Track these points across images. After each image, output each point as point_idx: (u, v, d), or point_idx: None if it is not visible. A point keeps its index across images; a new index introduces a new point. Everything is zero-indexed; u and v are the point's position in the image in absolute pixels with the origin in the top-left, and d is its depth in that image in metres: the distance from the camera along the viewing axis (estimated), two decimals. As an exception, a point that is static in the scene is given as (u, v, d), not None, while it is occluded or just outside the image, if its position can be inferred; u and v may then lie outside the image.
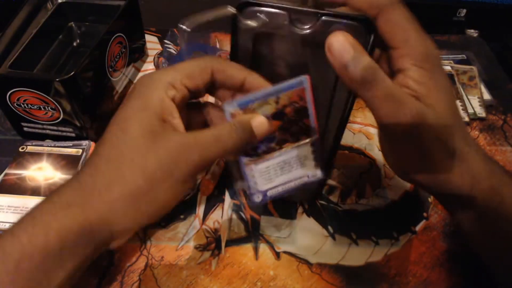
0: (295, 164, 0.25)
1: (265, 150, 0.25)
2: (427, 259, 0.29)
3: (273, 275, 0.28)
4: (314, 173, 0.26)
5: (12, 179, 0.32)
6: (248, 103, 0.24)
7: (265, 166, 0.25)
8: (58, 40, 0.40)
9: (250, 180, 0.25)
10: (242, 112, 0.23)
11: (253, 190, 0.25)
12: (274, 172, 0.25)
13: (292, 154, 0.25)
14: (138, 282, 0.28)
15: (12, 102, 0.33)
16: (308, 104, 0.24)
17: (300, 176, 0.26)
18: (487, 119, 0.39)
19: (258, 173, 0.25)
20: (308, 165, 0.26)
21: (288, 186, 0.26)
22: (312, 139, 0.25)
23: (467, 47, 0.47)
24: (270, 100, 0.24)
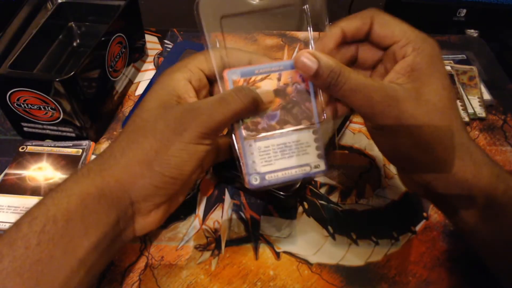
0: (297, 149, 0.25)
1: (265, 128, 0.24)
2: (427, 259, 0.29)
3: (273, 275, 0.28)
4: (317, 164, 0.25)
5: (12, 179, 0.32)
6: (250, 74, 0.24)
7: (265, 145, 0.24)
8: (58, 40, 0.40)
9: (249, 158, 0.24)
10: (243, 80, 0.24)
11: (251, 170, 0.24)
12: (274, 154, 0.24)
13: (293, 138, 0.25)
14: (138, 282, 0.28)
15: (12, 102, 0.33)
16: (310, 87, 0.25)
17: (302, 164, 0.25)
18: (487, 119, 0.39)
19: (257, 151, 0.24)
20: (311, 154, 0.25)
21: (288, 173, 0.24)
22: (314, 126, 0.25)
23: (467, 47, 0.47)
24: (272, 75, 0.24)
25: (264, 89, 0.24)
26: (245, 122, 0.24)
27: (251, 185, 0.24)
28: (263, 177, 0.24)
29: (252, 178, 0.24)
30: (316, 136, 0.25)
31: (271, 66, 0.24)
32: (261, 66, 0.24)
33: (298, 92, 0.25)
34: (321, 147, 0.25)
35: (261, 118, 0.24)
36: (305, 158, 0.25)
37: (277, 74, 0.24)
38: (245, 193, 0.33)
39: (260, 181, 0.24)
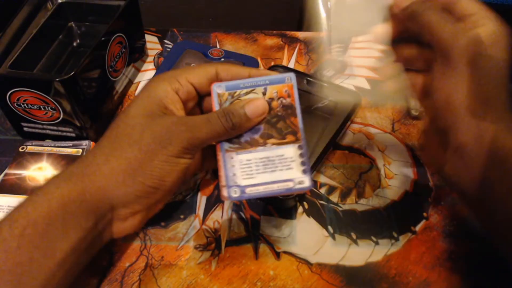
0: (280, 164, 0.24)
1: (248, 141, 0.24)
2: (427, 259, 0.29)
3: (273, 275, 0.28)
4: (301, 180, 0.24)
5: (12, 179, 0.32)
6: (235, 88, 0.24)
7: (247, 158, 0.24)
8: (58, 40, 0.40)
9: (229, 170, 0.24)
10: (228, 94, 0.24)
11: (231, 183, 0.24)
12: (256, 167, 0.24)
13: (277, 152, 0.24)
14: (138, 282, 0.28)
15: (12, 102, 0.33)
16: (295, 101, 0.25)
17: (285, 179, 0.24)
18: (487, 119, 0.39)
19: (238, 163, 0.24)
20: (295, 169, 0.24)
21: (270, 188, 0.24)
22: (299, 141, 0.24)
23: (467, 47, 0.47)
24: (258, 89, 0.24)
25: (258, 102, 0.24)
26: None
27: (230, 198, 0.24)
28: (243, 190, 0.24)
29: (231, 191, 0.24)
30: (301, 152, 0.24)
31: (256, 80, 0.24)
32: (247, 81, 0.24)
33: (284, 107, 0.25)
34: (306, 163, 0.24)
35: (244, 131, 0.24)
36: (289, 173, 0.24)
37: (263, 88, 0.24)
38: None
39: (240, 194, 0.24)
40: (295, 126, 0.25)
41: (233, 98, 0.24)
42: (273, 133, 0.24)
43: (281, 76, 0.25)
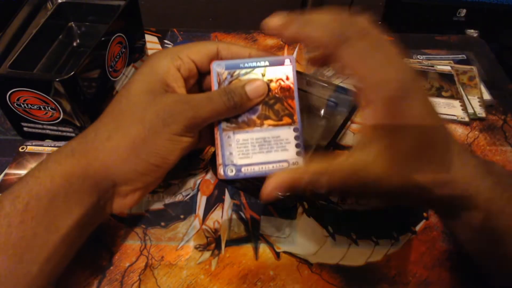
0: (276, 145, 0.25)
1: (245, 121, 0.25)
2: (427, 259, 0.29)
3: (273, 275, 0.28)
4: (295, 161, 0.25)
5: (12, 179, 0.32)
6: (235, 67, 0.25)
7: (243, 138, 0.25)
8: (58, 40, 0.40)
9: (226, 150, 0.24)
10: (227, 73, 0.24)
11: (227, 161, 0.24)
12: (252, 147, 0.25)
13: (273, 133, 0.25)
14: (138, 282, 0.28)
15: (12, 102, 0.33)
16: (294, 85, 0.25)
17: (280, 160, 0.25)
18: (487, 119, 0.39)
19: (235, 143, 0.25)
20: (290, 150, 0.25)
21: (265, 168, 0.25)
22: (295, 124, 0.25)
23: (467, 47, 0.47)
24: (257, 70, 0.25)
25: (258, 83, 0.24)
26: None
27: (226, 176, 0.24)
28: (239, 169, 0.25)
29: (228, 169, 0.25)
30: (297, 134, 0.25)
31: (256, 61, 0.25)
32: (247, 61, 0.25)
33: (281, 89, 0.25)
34: (301, 145, 0.25)
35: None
36: (284, 154, 0.25)
37: (262, 69, 0.25)
38: (245, 193, 0.33)
39: (236, 173, 0.24)
40: (292, 108, 0.25)
41: (232, 78, 0.25)
42: (270, 114, 0.25)
43: (281, 58, 0.25)
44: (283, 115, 0.25)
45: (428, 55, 0.46)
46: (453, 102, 0.40)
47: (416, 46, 0.47)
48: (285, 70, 0.25)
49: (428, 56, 0.46)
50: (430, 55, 0.46)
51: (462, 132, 0.38)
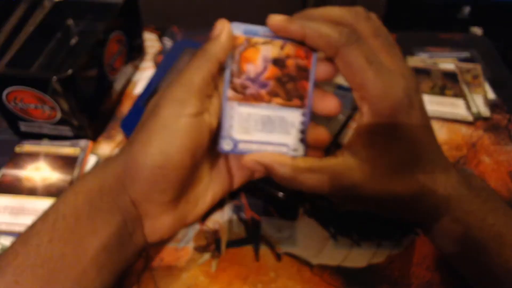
0: (279, 126, 0.23)
1: (253, 94, 0.23)
2: (430, 261, 0.29)
3: (273, 276, 0.28)
4: (296, 147, 0.23)
5: (8, 179, 0.32)
6: (254, 33, 0.23)
7: (247, 112, 0.23)
8: (56, 38, 0.39)
9: (227, 121, 0.23)
10: (244, 38, 0.23)
11: (226, 134, 0.23)
12: (254, 124, 0.23)
13: (279, 113, 0.23)
14: (137, 284, 0.27)
15: (9, 101, 0.32)
16: (312, 66, 0.23)
17: (280, 143, 0.23)
18: (492, 118, 0.39)
19: (238, 115, 0.23)
20: (293, 135, 0.23)
21: (263, 148, 0.23)
22: (305, 107, 0.23)
23: (471, 45, 0.46)
24: (276, 42, 0.23)
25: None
26: (234, 82, 0.23)
27: (221, 149, 0.23)
28: (236, 145, 0.23)
29: (224, 142, 0.23)
30: (304, 119, 0.23)
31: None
32: (267, 29, 0.23)
33: (298, 68, 0.23)
34: (305, 132, 0.24)
35: (251, 82, 0.23)
36: (285, 138, 0.23)
37: (281, 42, 0.23)
38: (245, 193, 0.33)
39: (232, 148, 0.23)
40: (305, 90, 0.23)
41: (248, 45, 0.23)
42: (281, 92, 0.23)
43: None
44: (294, 96, 0.23)
45: (432, 53, 0.45)
46: (456, 101, 0.39)
47: (419, 44, 0.46)
48: (306, 48, 0.23)
49: (431, 54, 0.45)
50: (433, 53, 0.45)
51: (465, 131, 0.38)
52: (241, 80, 0.23)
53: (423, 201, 0.23)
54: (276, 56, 0.23)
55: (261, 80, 0.23)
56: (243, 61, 0.23)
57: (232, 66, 0.23)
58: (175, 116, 0.21)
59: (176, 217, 0.24)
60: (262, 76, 0.23)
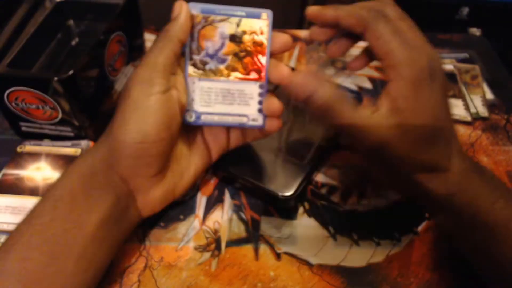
0: (239, 99, 0.25)
1: (212, 69, 0.25)
2: (429, 260, 0.29)
3: (273, 276, 0.28)
4: (255, 117, 0.25)
5: (10, 179, 0.32)
6: (211, 12, 0.24)
7: (208, 86, 0.25)
8: (57, 39, 0.40)
9: (189, 95, 0.25)
10: (202, 17, 0.24)
11: (188, 107, 0.25)
12: (215, 97, 0.25)
13: (237, 87, 0.25)
14: (137, 283, 0.27)
15: (10, 101, 0.33)
16: (268, 40, 0.25)
17: (240, 114, 0.25)
18: (490, 118, 0.39)
19: (198, 90, 0.25)
20: (252, 106, 0.25)
21: (224, 119, 0.25)
22: (262, 80, 0.25)
23: (469, 46, 0.47)
24: (232, 20, 0.24)
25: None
26: (194, 59, 0.25)
27: (185, 121, 0.25)
28: (198, 116, 0.25)
29: (187, 115, 0.25)
30: (261, 91, 0.25)
31: (233, 9, 0.24)
32: (224, 7, 0.24)
33: (254, 43, 0.24)
34: (263, 103, 0.25)
35: (210, 58, 0.24)
36: (245, 109, 0.25)
37: (237, 19, 0.24)
38: (245, 193, 0.33)
39: (195, 119, 0.25)
40: (262, 65, 0.25)
41: (206, 23, 0.24)
42: (239, 67, 0.25)
43: (258, 11, 0.24)
44: (251, 69, 0.25)
45: (430, 54, 0.45)
46: (455, 101, 0.40)
47: (418, 44, 0.46)
48: (261, 24, 0.24)
49: (430, 54, 0.45)
50: (432, 53, 0.45)
51: (464, 131, 0.38)
52: (200, 57, 0.25)
53: (435, 178, 0.23)
54: (232, 33, 0.24)
55: (220, 56, 0.25)
56: (201, 39, 0.25)
57: (191, 44, 0.25)
58: (145, 95, 0.23)
59: (165, 189, 0.27)
60: (220, 52, 0.25)
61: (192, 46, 0.24)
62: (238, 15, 0.24)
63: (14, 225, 0.29)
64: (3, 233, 0.29)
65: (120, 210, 0.25)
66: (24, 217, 0.23)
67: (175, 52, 0.24)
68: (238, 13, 0.24)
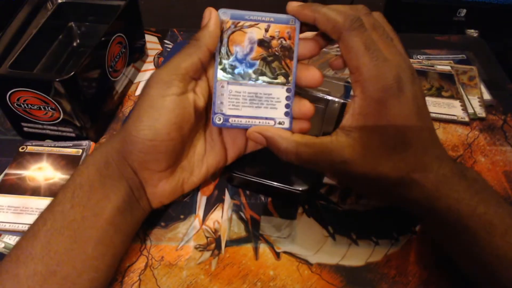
0: (266, 102, 0.26)
1: (241, 74, 0.25)
2: (427, 259, 0.29)
3: (273, 275, 0.28)
4: (282, 121, 0.26)
5: (12, 179, 0.32)
6: (240, 18, 0.25)
7: (236, 90, 0.25)
8: (58, 40, 0.40)
9: (218, 98, 0.26)
10: (231, 23, 0.25)
11: (217, 110, 0.26)
12: (243, 100, 0.26)
13: (266, 90, 0.26)
14: (138, 282, 0.28)
15: (12, 102, 0.33)
16: (295, 45, 0.25)
17: (267, 117, 0.26)
18: (487, 119, 0.39)
19: (227, 93, 0.25)
20: (279, 109, 0.26)
21: (252, 122, 0.26)
22: (289, 84, 0.26)
23: (467, 47, 0.47)
24: (261, 25, 0.25)
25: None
26: (223, 63, 0.25)
27: (213, 123, 0.26)
28: (227, 119, 0.26)
29: (216, 117, 0.26)
30: (289, 95, 0.26)
31: (262, 15, 0.25)
32: (252, 13, 0.25)
33: (282, 48, 0.25)
34: (290, 106, 0.26)
35: (239, 63, 0.25)
36: (272, 112, 0.26)
37: (266, 24, 0.25)
38: (244, 190, 0.33)
39: (223, 122, 0.26)
40: (289, 69, 0.25)
41: (235, 28, 0.25)
42: (267, 71, 0.25)
43: (286, 17, 0.25)
44: (279, 74, 0.25)
45: (428, 55, 0.46)
46: (453, 102, 0.40)
47: (416, 46, 0.47)
48: (289, 29, 0.25)
49: (428, 56, 0.46)
50: (430, 55, 0.46)
51: (462, 132, 0.38)
52: (230, 61, 0.25)
53: (412, 187, 0.23)
54: (261, 38, 0.25)
55: (248, 60, 0.25)
56: (231, 44, 0.25)
57: (221, 49, 0.25)
58: (161, 95, 0.24)
59: (173, 184, 0.28)
60: (249, 57, 0.25)
61: (222, 51, 0.25)
62: (266, 20, 0.25)
63: (16, 224, 0.30)
64: (6, 233, 0.30)
65: (133, 199, 0.26)
66: (47, 205, 0.25)
67: (202, 59, 0.25)
68: (266, 19, 0.25)
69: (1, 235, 0.30)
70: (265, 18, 0.25)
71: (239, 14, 0.25)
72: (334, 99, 0.35)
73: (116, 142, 0.26)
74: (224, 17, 0.25)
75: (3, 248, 0.29)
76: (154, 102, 0.24)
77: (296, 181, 0.30)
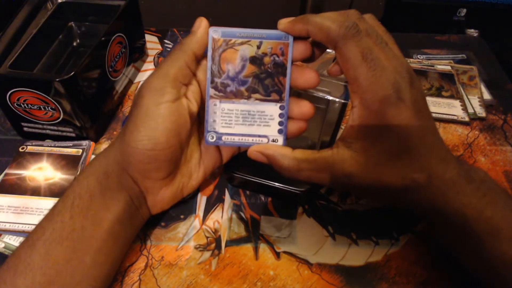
0: (259, 120, 0.25)
1: (233, 91, 0.25)
2: (427, 259, 0.29)
3: (273, 275, 0.28)
4: (275, 138, 0.26)
5: (12, 179, 0.32)
6: (232, 35, 0.25)
7: (229, 108, 0.25)
8: (58, 40, 0.40)
9: (211, 116, 0.25)
10: (223, 40, 0.25)
11: (210, 128, 0.26)
12: (236, 118, 0.25)
13: (258, 108, 0.25)
14: (138, 282, 0.28)
15: (12, 102, 0.33)
16: (288, 62, 0.25)
17: (260, 135, 0.26)
18: (487, 119, 0.39)
19: (220, 111, 0.25)
20: (272, 127, 0.25)
21: (245, 140, 0.26)
22: (282, 101, 0.25)
23: (467, 47, 0.47)
24: (253, 42, 0.25)
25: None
26: (215, 81, 0.25)
27: (206, 142, 0.26)
28: (220, 137, 0.26)
29: (209, 136, 0.26)
30: (282, 112, 0.25)
31: (254, 32, 0.25)
32: (244, 31, 0.25)
33: (275, 64, 0.25)
34: (284, 123, 0.25)
35: (231, 81, 0.25)
36: (265, 129, 0.25)
37: (258, 41, 0.25)
38: (244, 190, 0.33)
39: (216, 140, 0.26)
40: (282, 86, 0.25)
41: (227, 46, 0.25)
42: (259, 88, 0.25)
43: (279, 33, 0.25)
44: (272, 91, 0.25)
45: (428, 55, 0.46)
46: (453, 102, 0.40)
47: (416, 46, 0.47)
48: (282, 45, 0.24)
49: (428, 56, 0.46)
50: (430, 55, 0.46)
51: (462, 132, 0.38)
52: (222, 80, 0.25)
53: (418, 192, 0.23)
54: (253, 55, 0.25)
55: (240, 78, 0.25)
56: (222, 62, 0.25)
57: (213, 67, 0.25)
58: (155, 104, 0.24)
59: (173, 190, 0.28)
60: (241, 75, 0.25)
61: (214, 69, 0.25)
62: (258, 37, 0.25)
63: (17, 224, 0.30)
64: (5, 233, 0.30)
65: (133, 209, 0.26)
66: (45, 215, 0.25)
67: (188, 63, 0.25)
68: (258, 35, 0.25)
69: (1, 235, 0.30)
70: (257, 34, 0.24)
71: (230, 31, 0.24)
72: (335, 99, 0.35)
73: (114, 152, 0.26)
74: (215, 35, 0.25)
75: (3, 248, 0.29)
76: (149, 111, 0.24)
77: (296, 181, 0.30)
